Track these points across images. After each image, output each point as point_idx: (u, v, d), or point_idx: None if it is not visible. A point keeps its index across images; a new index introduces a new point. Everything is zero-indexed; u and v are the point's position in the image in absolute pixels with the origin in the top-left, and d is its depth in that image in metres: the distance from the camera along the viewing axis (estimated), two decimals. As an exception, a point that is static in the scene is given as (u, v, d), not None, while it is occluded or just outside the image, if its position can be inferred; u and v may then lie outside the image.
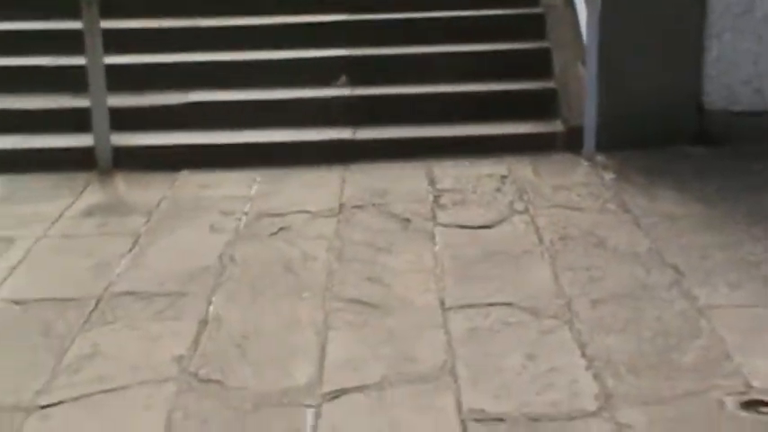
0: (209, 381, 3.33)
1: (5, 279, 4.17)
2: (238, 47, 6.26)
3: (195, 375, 3.37)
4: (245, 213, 4.84)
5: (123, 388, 3.30)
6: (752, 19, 5.44)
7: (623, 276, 4.03)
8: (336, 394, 3.23)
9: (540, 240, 4.41)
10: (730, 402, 3.11)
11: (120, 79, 5.80)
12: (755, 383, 3.20)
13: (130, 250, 4.43)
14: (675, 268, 4.08)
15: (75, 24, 5.66)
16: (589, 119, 5.46)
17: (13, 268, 4.27)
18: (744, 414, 3.06)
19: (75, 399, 3.25)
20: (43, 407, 3.21)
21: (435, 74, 6.03)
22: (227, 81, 6.06)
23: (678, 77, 5.50)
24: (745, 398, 3.12)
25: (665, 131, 5.47)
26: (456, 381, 3.29)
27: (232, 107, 5.93)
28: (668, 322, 3.64)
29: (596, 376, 3.30)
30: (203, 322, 3.74)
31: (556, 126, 5.70)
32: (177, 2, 6.56)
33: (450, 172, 5.32)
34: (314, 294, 3.95)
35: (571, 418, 3.08)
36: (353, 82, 6.06)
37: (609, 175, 5.21)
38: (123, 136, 5.63)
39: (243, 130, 5.79)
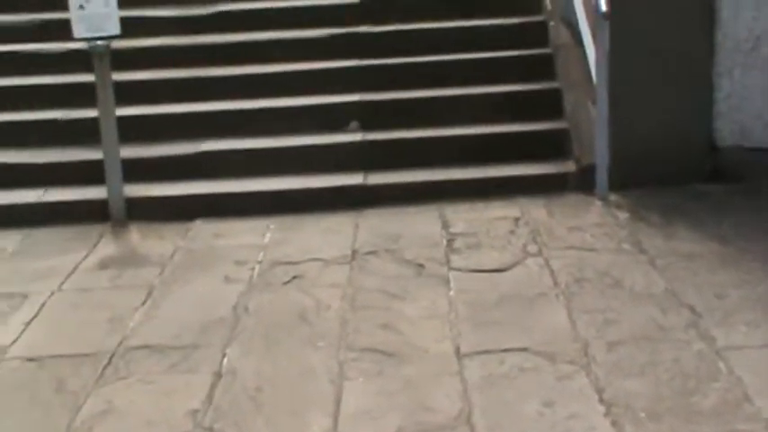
0: (223, 435, 3.31)
1: (19, 336, 4.17)
2: (249, 95, 6.29)
3: (210, 430, 3.35)
4: (259, 262, 4.83)
5: (138, 445, 3.30)
6: (759, 55, 5.44)
7: (640, 318, 4.00)
8: (352, 446, 3.21)
9: (555, 283, 4.39)
10: (752, 447, 3.08)
11: (133, 130, 5.84)
12: (777, 426, 3.17)
13: (144, 303, 4.43)
14: (692, 309, 4.04)
15: (87, 77, 5.72)
16: (601, 158, 5.44)
17: (27, 324, 4.28)
18: (766, 459, 3.02)
19: (90, 457, 3.24)
20: (58, 466, 3.20)
21: (446, 117, 6.03)
22: (239, 129, 6.09)
23: (689, 115, 5.49)
24: (767, 442, 3.09)
25: (678, 169, 5.46)
26: (473, 430, 3.26)
27: (244, 155, 5.94)
28: (686, 364, 3.60)
29: (615, 423, 3.26)
30: (217, 375, 3.73)
31: (568, 166, 5.68)
32: (187, 52, 6.62)
33: (463, 215, 5.31)
34: (328, 344, 3.93)
35: (590, 465, 3.05)
36: (365, 127, 6.08)
37: (623, 215, 5.18)
38: (136, 187, 5.66)
39: (255, 178, 5.80)
